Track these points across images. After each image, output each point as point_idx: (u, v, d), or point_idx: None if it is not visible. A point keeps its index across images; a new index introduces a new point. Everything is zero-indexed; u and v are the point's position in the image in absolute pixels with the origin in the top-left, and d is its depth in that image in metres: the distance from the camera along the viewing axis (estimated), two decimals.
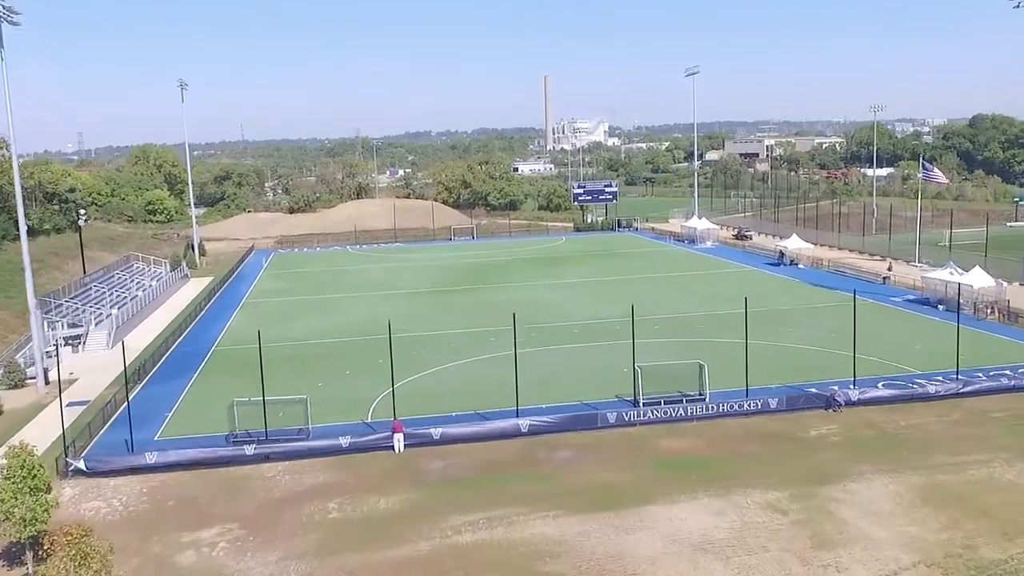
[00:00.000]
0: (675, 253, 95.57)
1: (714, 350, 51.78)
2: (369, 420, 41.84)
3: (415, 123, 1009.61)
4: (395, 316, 65.45)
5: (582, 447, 37.69)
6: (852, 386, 42.24)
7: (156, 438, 40.65)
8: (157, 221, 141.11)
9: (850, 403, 41.26)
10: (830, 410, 40.86)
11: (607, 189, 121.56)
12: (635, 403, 41.81)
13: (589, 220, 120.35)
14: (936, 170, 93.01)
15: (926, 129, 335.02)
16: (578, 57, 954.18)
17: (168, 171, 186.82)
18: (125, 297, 70.16)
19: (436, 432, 38.21)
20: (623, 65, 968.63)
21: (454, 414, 41.97)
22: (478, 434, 38.54)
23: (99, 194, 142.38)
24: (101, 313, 63.50)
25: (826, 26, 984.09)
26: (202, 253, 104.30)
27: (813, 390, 43.58)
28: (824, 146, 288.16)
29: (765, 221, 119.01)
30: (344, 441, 37.44)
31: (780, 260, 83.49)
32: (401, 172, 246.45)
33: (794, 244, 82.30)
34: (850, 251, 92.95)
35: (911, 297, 66.27)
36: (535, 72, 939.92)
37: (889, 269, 76.18)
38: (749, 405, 40.73)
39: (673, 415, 40.23)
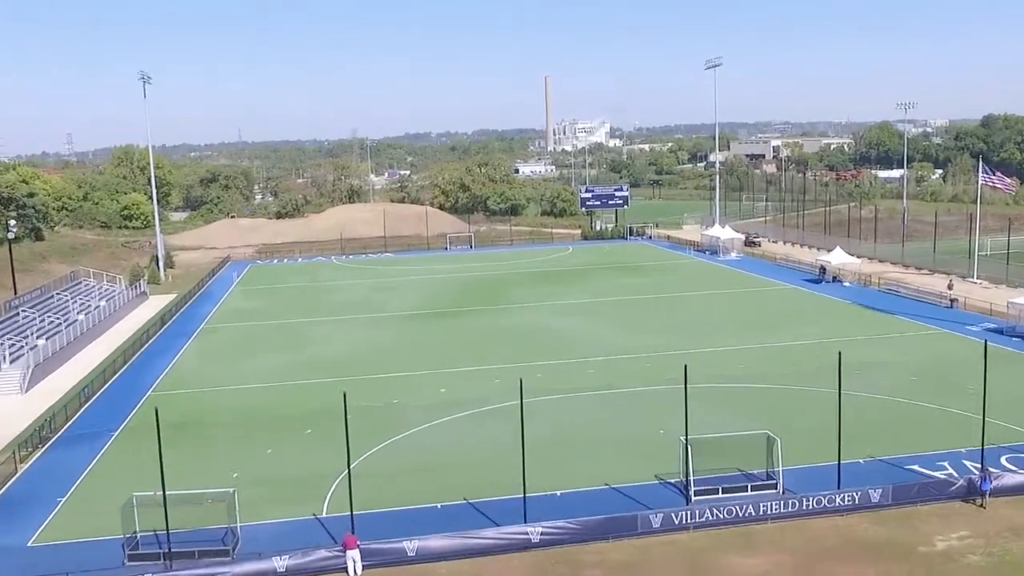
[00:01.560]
0: (698, 267, 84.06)
1: (775, 403, 40.31)
2: (324, 513, 30.48)
3: (415, 124, 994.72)
4: (377, 348, 54.36)
5: (618, 568, 26.38)
6: (979, 467, 30.69)
7: (30, 543, 29.32)
8: (134, 227, 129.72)
9: (976, 491, 29.86)
10: (977, 503, 29.60)
11: (617, 193, 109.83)
12: (684, 492, 30.42)
13: (598, 227, 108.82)
14: (1000, 174, 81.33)
15: (930, 129, 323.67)
16: (578, 58, 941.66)
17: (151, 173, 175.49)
18: (60, 324, 58.69)
19: (411, 546, 26.79)
20: (623, 66, 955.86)
21: (439, 505, 30.66)
22: (471, 548, 27.14)
23: (69, 198, 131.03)
24: (22, 346, 52.11)
25: (826, 27, 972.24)
26: (170, 265, 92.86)
27: (915, 467, 32.45)
28: (832, 147, 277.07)
29: (788, 228, 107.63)
30: (280, 563, 26.05)
31: (821, 276, 72.04)
32: (400, 174, 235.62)
33: (838, 258, 70.78)
34: (892, 263, 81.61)
35: (990, 325, 54.74)
36: (535, 72, 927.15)
37: (950, 288, 64.73)
38: (843, 500, 29.25)
39: (739, 514, 28.78)
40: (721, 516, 28.62)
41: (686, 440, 30.28)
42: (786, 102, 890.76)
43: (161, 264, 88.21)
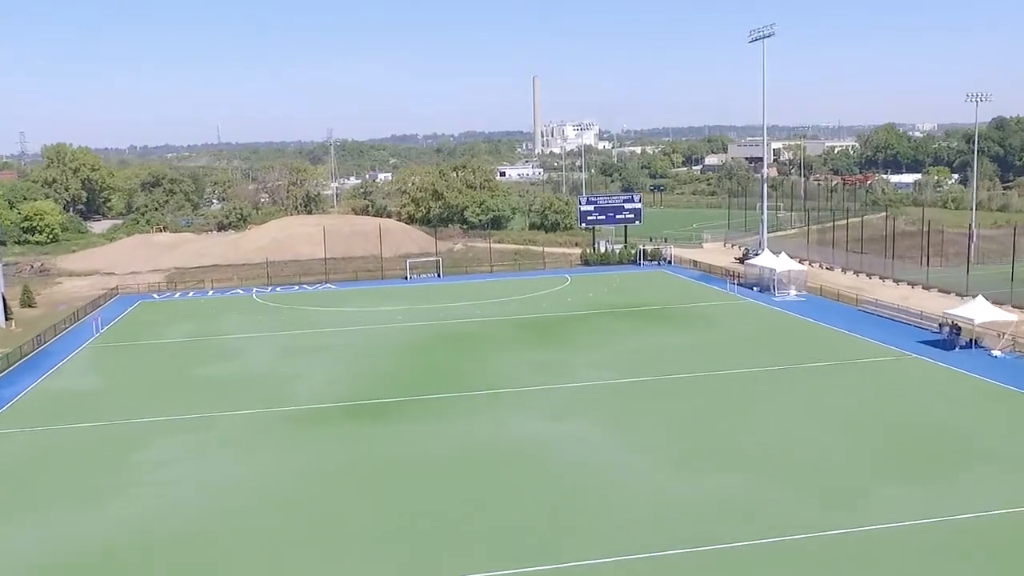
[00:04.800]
0: (751, 313, 57.54)
1: None
2: None
3: (401, 126, 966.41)
4: (230, 511, 27.07)
5: None
6: None
7: None
8: (36, 243, 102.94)
9: None
10: None
11: (627, 205, 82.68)
12: None
13: (603, 249, 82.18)
14: None
15: (918, 134, 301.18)
16: (567, 60, 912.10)
17: (86, 176, 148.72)
18: None
19: None
20: (612, 69, 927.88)
21: None
22: None
23: None
24: None
25: (812, 31, 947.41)
26: (28, 304, 65.87)
27: None
28: (837, 150, 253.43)
29: (825, 245, 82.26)
30: None
31: (952, 338, 45.91)
32: (380, 176, 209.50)
33: (982, 314, 44.48)
34: (1013, 307, 55.48)
35: None
36: (523, 74, 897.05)
37: None
38: None
39: None
40: None
41: None
42: (774, 105, 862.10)
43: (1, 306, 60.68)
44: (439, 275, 76.98)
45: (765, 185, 76.89)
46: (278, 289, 72.61)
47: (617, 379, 41.91)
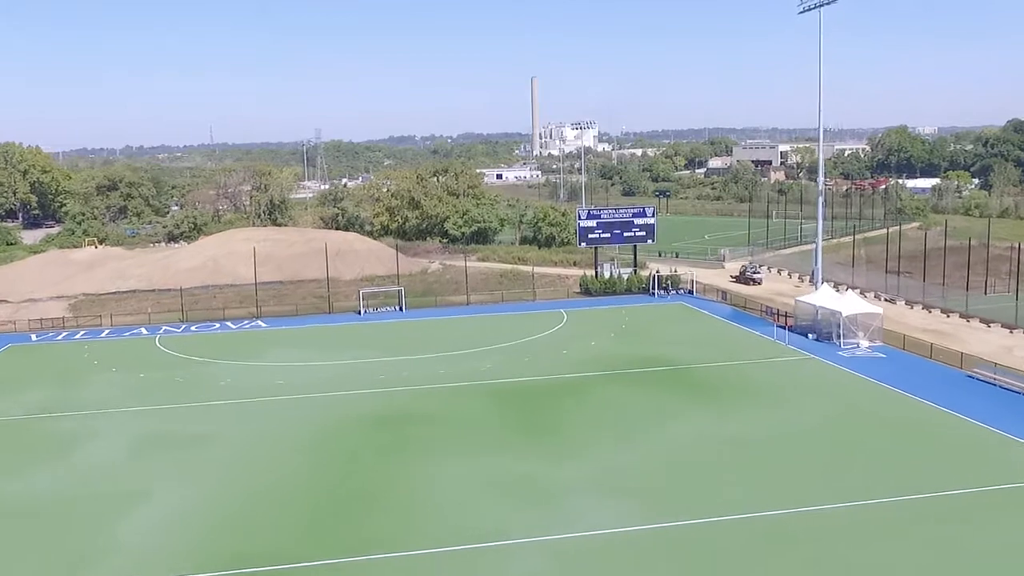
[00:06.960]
0: (819, 379, 40.26)
1: None
2: None
3: (399, 127, 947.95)
4: None
5: None
6: None
7: None
8: None
9: None
10: None
11: (637, 220, 65.19)
12: None
13: (608, 274, 64.95)
14: None
15: (924, 137, 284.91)
16: (566, 61, 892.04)
17: (36, 178, 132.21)
18: None
19: None
20: (611, 70, 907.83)
21: None
22: None
23: None
24: None
25: (812, 31, 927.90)
26: None
27: None
28: (847, 153, 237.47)
29: (871, 267, 65.80)
30: None
31: None
32: (370, 178, 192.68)
33: None
34: None
35: None
36: (522, 76, 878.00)
37: None
38: None
39: None
40: None
41: None
42: (775, 107, 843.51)
43: None
44: (401, 308, 59.89)
45: (821, 199, 58.96)
46: (193, 328, 55.60)
47: (640, 521, 25.11)
